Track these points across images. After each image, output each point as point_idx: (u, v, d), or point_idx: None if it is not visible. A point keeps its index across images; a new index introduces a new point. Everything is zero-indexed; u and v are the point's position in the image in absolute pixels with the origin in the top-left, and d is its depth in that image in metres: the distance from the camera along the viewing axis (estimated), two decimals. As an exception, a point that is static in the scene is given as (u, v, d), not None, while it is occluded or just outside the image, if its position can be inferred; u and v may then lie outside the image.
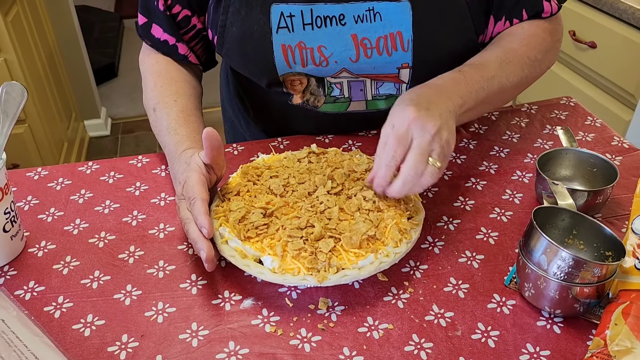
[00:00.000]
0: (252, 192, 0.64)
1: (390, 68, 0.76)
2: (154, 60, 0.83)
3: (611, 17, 1.56)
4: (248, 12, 0.73)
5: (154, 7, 0.79)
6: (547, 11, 0.79)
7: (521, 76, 0.75)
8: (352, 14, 0.72)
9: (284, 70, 0.76)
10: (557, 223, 0.59)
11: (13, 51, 1.89)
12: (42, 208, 0.72)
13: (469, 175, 0.76)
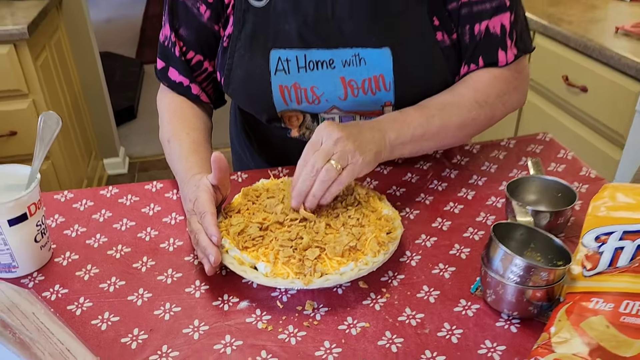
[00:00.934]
0: (251, 210, 0.74)
1: (375, 106, 0.86)
2: (170, 99, 0.94)
3: (600, 63, 1.66)
4: (251, 57, 0.84)
5: (171, 53, 0.91)
6: (502, 61, 0.86)
7: (467, 117, 0.83)
8: (341, 59, 0.83)
9: (282, 107, 0.86)
10: (516, 237, 0.67)
11: (41, 93, 2.04)
12: (67, 225, 0.81)
13: (448, 200, 0.85)
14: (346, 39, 0.82)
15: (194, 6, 0.87)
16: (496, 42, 0.85)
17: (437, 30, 0.83)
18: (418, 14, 0.82)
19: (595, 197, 0.69)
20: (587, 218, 0.67)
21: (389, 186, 0.88)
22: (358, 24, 0.81)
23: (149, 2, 6.41)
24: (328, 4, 0.81)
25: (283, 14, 0.82)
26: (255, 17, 0.84)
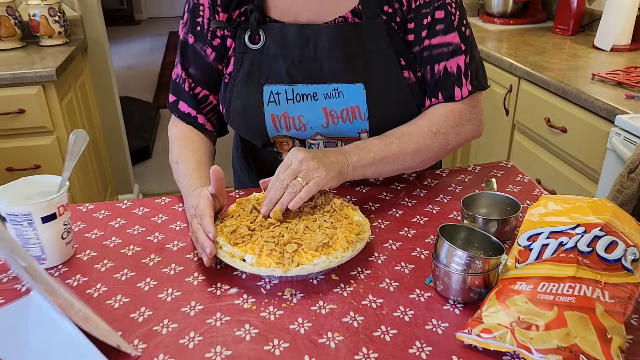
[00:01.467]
0: (242, 216, 0.87)
1: (353, 133, 1.01)
2: (180, 127, 1.10)
3: (577, 106, 1.81)
4: (247, 91, 1.00)
5: (182, 89, 1.07)
6: (458, 96, 1.01)
7: (422, 143, 0.98)
8: (322, 92, 0.98)
9: (274, 133, 1.01)
10: (461, 237, 0.80)
11: (65, 130, 2.22)
12: (88, 230, 0.96)
13: (415, 213, 0.98)
14: (326, 76, 0.98)
15: (201, 49, 1.04)
16: (452, 80, 0.99)
17: (403, 69, 0.99)
18: (387, 55, 0.98)
19: (532, 206, 0.82)
20: (524, 223, 0.80)
21: (365, 202, 1.02)
22: (336, 63, 0.97)
23: (167, 51, 6.75)
24: (311, 47, 0.97)
25: (274, 55, 0.98)
26: (251, 58, 1.00)
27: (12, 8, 2.33)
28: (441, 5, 0.98)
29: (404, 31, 1.00)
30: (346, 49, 0.97)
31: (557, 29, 2.57)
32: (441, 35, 0.98)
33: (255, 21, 0.98)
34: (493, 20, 2.81)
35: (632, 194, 1.43)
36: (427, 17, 0.98)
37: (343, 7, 0.99)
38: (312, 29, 0.97)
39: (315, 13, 0.99)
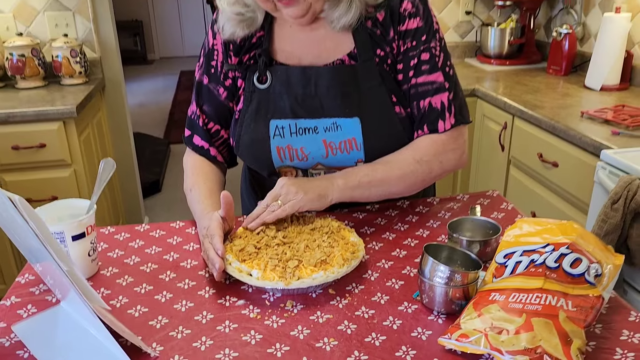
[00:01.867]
0: (250, 236, 0.97)
1: (350, 162, 1.11)
2: (193, 159, 1.21)
3: (567, 142, 1.91)
4: (255, 126, 1.12)
5: (196, 124, 1.19)
6: (441, 128, 1.11)
7: (406, 170, 1.08)
8: (323, 126, 1.10)
9: (279, 164, 1.12)
10: (444, 256, 0.89)
11: (82, 164, 2.34)
12: (110, 249, 1.06)
13: (407, 237, 1.08)
14: (326, 111, 1.09)
15: (214, 89, 1.16)
16: (437, 114, 1.10)
17: (394, 105, 1.10)
18: (379, 92, 1.09)
19: (509, 228, 0.91)
20: (501, 243, 0.89)
21: (362, 226, 1.11)
22: (335, 100, 1.09)
23: (178, 89, 6.96)
24: (312, 86, 1.09)
25: (280, 93, 1.10)
26: (259, 96, 1.12)
27: (37, 50, 2.49)
28: (426, 49, 1.09)
29: (394, 71, 1.11)
30: (343, 87, 1.09)
31: (551, 70, 2.70)
32: (426, 74, 1.09)
33: (263, 64, 1.11)
34: (490, 61, 2.94)
35: (615, 223, 1.52)
36: (413, 58, 1.09)
37: (341, 51, 1.11)
38: (313, 70, 1.10)
39: (317, 57, 1.11)
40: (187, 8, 8.97)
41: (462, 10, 3.07)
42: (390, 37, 1.09)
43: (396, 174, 1.08)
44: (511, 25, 2.87)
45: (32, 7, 2.59)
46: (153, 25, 8.91)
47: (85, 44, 2.68)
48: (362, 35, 1.08)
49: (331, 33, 1.10)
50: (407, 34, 1.08)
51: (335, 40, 1.10)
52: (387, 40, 1.09)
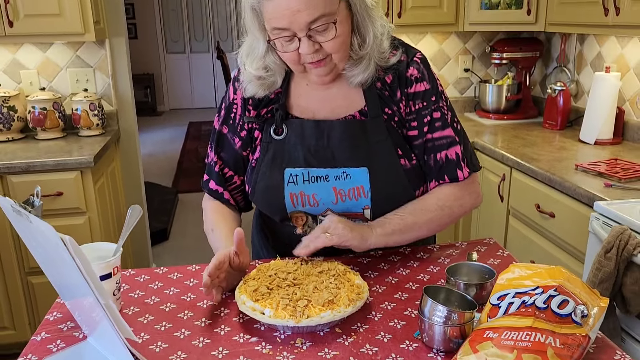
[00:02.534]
0: (262, 278, 1.05)
1: (357, 209, 1.21)
2: (212, 203, 1.33)
3: (563, 193, 2.00)
4: (270, 174, 1.22)
5: (213, 170, 1.31)
6: (461, 177, 1.23)
7: (431, 216, 1.20)
8: (333, 175, 1.20)
9: (291, 209, 1.22)
10: (442, 297, 0.97)
11: (96, 211, 2.43)
12: (131, 290, 1.13)
13: (408, 281, 1.15)
14: (337, 161, 1.20)
15: (231, 138, 1.28)
16: (454, 164, 1.22)
17: (400, 157, 1.21)
18: (386, 145, 1.20)
19: (503, 272, 0.99)
20: (495, 286, 0.97)
21: (366, 271, 1.19)
22: (345, 151, 1.20)
23: (186, 140, 7.13)
24: (325, 138, 1.20)
25: (294, 144, 1.21)
26: (275, 146, 1.23)
27: (58, 103, 2.63)
28: (436, 108, 1.21)
29: (401, 128, 1.22)
30: (353, 140, 1.19)
31: (547, 124, 2.82)
32: (440, 130, 1.22)
33: (280, 117, 1.22)
34: (488, 116, 3.07)
35: (609, 272, 1.58)
36: (426, 117, 1.21)
37: (352, 108, 1.22)
38: (326, 124, 1.20)
39: (330, 112, 1.23)
40: (197, 63, 9.30)
41: (460, 68, 3.22)
42: (397, 97, 1.20)
43: (424, 220, 1.20)
44: (508, 82, 3.01)
45: (56, 64, 2.75)
46: (164, 78, 9.21)
47: (103, 97, 2.83)
48: (372, 94, 1.20)
49: (344, 91, 1.22)
50: (417, 96, 1.21)
51: (347, 98, 1.22)
52: (394, 100, 1.20)
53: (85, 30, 2.45)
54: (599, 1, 2.13)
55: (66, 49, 2.75)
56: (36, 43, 2.69)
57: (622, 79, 2.45)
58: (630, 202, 1.73)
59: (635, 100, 2.43)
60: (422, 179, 1.25)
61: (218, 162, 1.30)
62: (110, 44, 2.82)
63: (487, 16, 2.78)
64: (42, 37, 2.49)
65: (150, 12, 8.84)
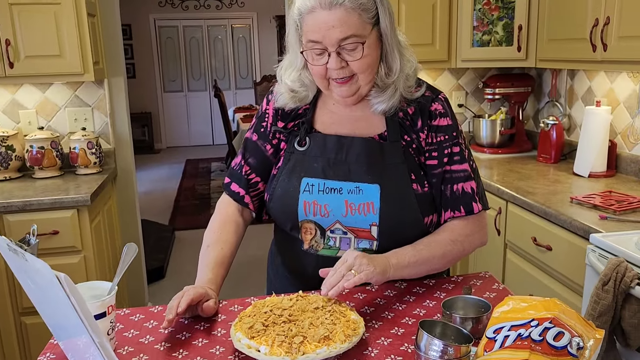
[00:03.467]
0: (258, 315, 1.04)
1: (365, 224, 1.24)
2: (227, 206, 1.38)
3: (559, 226, 2.00)
4: (289, 181, 1.28)
5: (237, 173, 1.37)
6: (475, 209, 1.28)
7: (444, 249, 1.24)
8: (347, 188, 1.24)
9: (302, 217, 1.26)
10: (438, 331, 0.96)
11: (91, 250, 2.42)
12: (126, 329, 1.12)
13: (405, 316, 1.14)
14: (352, 176, 1.25)
15: (262, 145, 1.36)
16: (470, 197, 1.28)
17: (413, 182, 1.26)
18: (401, 169, 1.25)
19: (498, 305, 0.98)
20: (491, 319, 0.96)
21: (362, 306, 1.19)
22: (361, 167, 1.25)
23: (183, 178, 7.15)
24: (344, 153, 1.26)
25: (315, 156, 1.27)
26: (297, 156, 1.29)
27: (56, 142, 2.65)
28: (456, 143, 1.29)
29: (417, 155, 1.28)
30: (370, 158, 1.25)
31: (541, 158, 2.85)
32: (458, 164, 1.28)
33: (304, 131, 1.30)
34: (483, 150, 3.10)
35: (607, 304, 1.58)
36: (447, 149, 1.28)
37: (373, 132, 1.29)
38: (347, 140, 1.27)
39: (351, 131, 1.29)
40: (195, 101, 9.41)
41: (454, 103, 3.27)
42: (418, 127, 1.28)
43: (438, 253, 1.23)
44: (501, 117, 3.05)
45: (54, 104, 2.79)
46: (161, 117, 9.30)
47: (101, 136, 2.85)
48: (393, 122, 1.27)
49: (367, 115, 1.29)
50: (440, 129, 1.28)
51: (369, 121, 1.29)
52: (414, 129, 1.28)
53: (85, 71, 2.50)
54: (586, 38, 2.19)
55: (65, 88, 2.80)
56: (36, 83, 2.73)
57: (613, 112, 2.49)
58: (626, 234, 1.74)
59: (626, 133, 2.46)
60: (432, 207, 1.29)
61: (245, 166, 1.36)
62: (109, 83, 2.87)
63: (479, 53, 2.84)
64: (41, 78, 2.53)
65: (148, 52, 9.00)
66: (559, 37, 2.43)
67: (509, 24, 2.72)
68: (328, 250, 1.27)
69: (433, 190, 1.28)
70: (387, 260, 1.16)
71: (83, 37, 2.47)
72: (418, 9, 2.79)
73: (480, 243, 1.32)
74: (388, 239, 1.24)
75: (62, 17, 2.43)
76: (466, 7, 2.79)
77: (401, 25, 2.79)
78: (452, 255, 1.26)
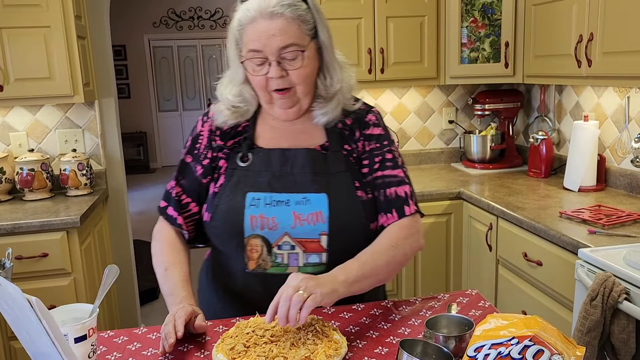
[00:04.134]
0: (240, 336, 1.04)
1: (314, 234, 1.24)
2: (168, 233, 1.35)
3: (549, 241, 2.00)
4: (233, 196, 1.27)
5: (171, 196, 1.35)
6: (407, 212, 1.29)
7: (387, 257, 1.22)
8: (294, 199, 1.25)
9: (249, 232, 1.24)
10: (419, 350, 0.96)
11: (81, 272, 2.40)
12: (109, 352, 1.11)
13: (389, 335, 1.14)
14: (298, 187, 1.26)
15: (194, 167, 1.34)
16: (402, 201, 1.30)
17: (357, 189, 1.29)
18: (345, 177, 1.29)
19: (479, 323, 0.98)
20: (472, 337, 0.96)
21: (347, 325, 1.18)
22: (307, 178, 1.26)
23: (178, 197, 7.08)
24: (289, 165, 1.27)
25: (259, 171, 1.28)
26: (240, 172, 1.29)
27: (46, 164, 2.65)
28: (388, 150, 1.33)
29: (358, 164, 1.32)
30: (315, 168, 1.27)
31: (531, 173, 2.86)
32: (390, 169, 1.32)
33: (247, 147, 1.30)
34: (474, 166, 3.11)
35: (596, 320, 1.57)
36: (378, 156, 1.32)
37: (315, 143, 1.31)
38: (291, 152, 1.29)
39: (293, 144, 1.31)
40: (190, 120, 9.42)
41: (445, 120, 3.29)
42: (356, 137, 1.33)
43: (382, 262, 1.21)
44: (491, 133, 3.07)
45: (45, 126, 2.80)
46: (156, 136, 9.31)
47: (92, 157, 2.86)
48: (333, 132, 1.32)
49: (307, 127, 1.32)
50: (372, 138, 1.33)
51: (310, 134, 1.32)
52: (353, 139, 1.33)
53: (75, 92, 2.50)
54: (571, 54, 2.21)
55: (55, 110, 2.80)
56: (26, 106, 2.74)
57: (601, 127, 2.51)
58: (614, 248, 1.74)
59: (614, 147, 2.48)
60: (376, 213, 1.31)
61: (176, 188, 1.35)
62: (99, 104, 2.88)
63: (467, 70, 2.86)
64: (31, 100, 2.54)
65: (143, 72, 9.04)
66: (544, 54, 2.46)
67: (495, 41, 2.75)
68: (276, 268, 1.25)
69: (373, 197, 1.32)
70: (334, 278, 1.13)
71: (73, 59, 2.48)
72: (406, 27, 2.82)
73: (417, 246, 1.31)
74: (337, 247, 1.24)
75: (51, 40, 2.45)
76: (453, 25, 2.82)
77: (390, 43, 2.82)
78: (395, 263, 1.24)
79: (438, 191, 2.68)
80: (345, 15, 2.76)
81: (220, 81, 1.34)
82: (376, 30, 2.80)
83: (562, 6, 2.28)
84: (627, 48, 1.94)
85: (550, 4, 2.38)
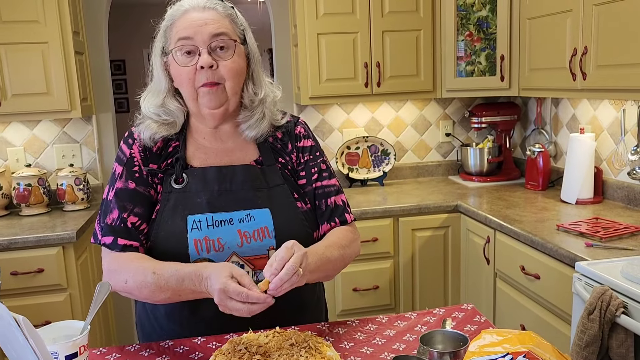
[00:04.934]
0: (233, 352, 1.03)
1: (263, 250, 1.23)
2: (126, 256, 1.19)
3: (546, 254, 2.00)
4: (172, 221, 1.22)
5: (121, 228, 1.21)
6: (349, 219, 1.35)
7: (339, 253, 1.25)
8: (237, 217, 1.23)
9: (195, 257, 1.20)
10: (415, 366, 0.95)
11: (77, 288, 2.39)
12: (100, 370, 1.10)
13: (384, 350, 1.13)
14: (240, 204, 1.24)
15: (145, 191, 1.25)
16: (342, 209, 1.35)
17: (297, 201, 1.30)
18: (283, 190, 1.29)
19: (474, 339, 0.97)
20: (467, 353, 0.95)
21: (341, 341, 1.17)
22: (247, 194, 1.25)
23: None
24: (227, 182, 1.25)
25: (196, 191, 1.24)
26: (176, 195, 1.25)
27: (43, 179, 2.65)
28: (322, 161, 1.38)
29: (294, 176, 1.34)
30: (254, 183, 1.27)
31: (529, 185, 2.86)
32: (327, 179, 1.36)
33: (180, 167, 1.26)
34: (472, 178, 3.11)
35: (594, 334, 1.56)
36: (314, 167, 1.35)
37: (249, 159, 1.31)
38: (228, 169, 1.27)
39: (228, 161, 1.30)
40: (188, 134, 9.43)
41: (442, 133, 3.29)
42: (289, 149, 1.35)
43: (335, 256, 1.24)
44: (488, 145, 3.07)
45: (42, 141, 2.80)
46: (155, 150, 9.31)
47: (89, 171, 2.86)
48: (265, 147, 1.32)
49: (239, 144, 1.32)
50: (305, 150, 1.36)
51: (243, 150, 1.32)
52: (286, 151, 1.35)
53: (72, 107, 2.51)
54: (566, 67, 2.22)
55: (53, 125, 2.81)
56: (23, 121, 2.74)
57: (597, 139, 2.51)
58: (612, 261, 1.73)
59: (611, 160, 2.48)
60: (316, 222, 1.34)
61: (130, 218, 1.22)
62: (97, 119, 2.88)
63: (463, 83, 2.87)
64: (29, 115, 2.54)
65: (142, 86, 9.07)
66: (540, 67, 2.47)
67: (491, 54, 2.76)
68: None
69: (312, 207, 1.34)
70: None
71: (70, 74, 2.49)
72: (402, 41, 2.83)
73: (358, 252, 1.35)
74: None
75: (49, 56, 2.46)
76: (449, 38, 2.84)
77: (386, 57, 2.84)
78: (343, 260, 1.27)
79: (435, 204, 2.67)
80: (342, 30, 2.77)
81: (142, 96, 1.32)
82: (372, 45, 2.82)
83: (556, 20, 2.29)
84: (621, 61, 1.95)
85: (544, 17, 2.39)
